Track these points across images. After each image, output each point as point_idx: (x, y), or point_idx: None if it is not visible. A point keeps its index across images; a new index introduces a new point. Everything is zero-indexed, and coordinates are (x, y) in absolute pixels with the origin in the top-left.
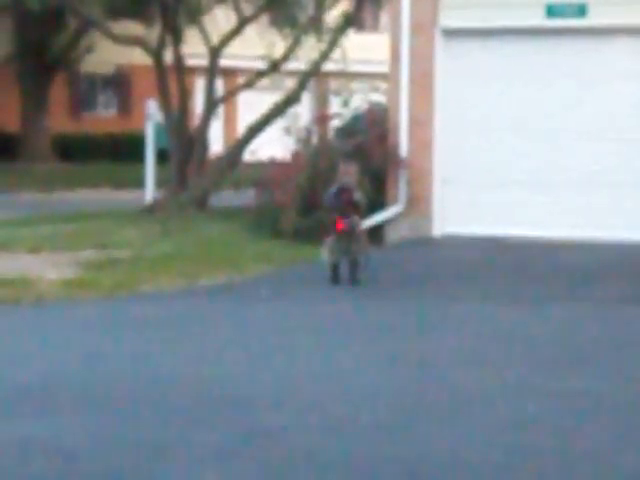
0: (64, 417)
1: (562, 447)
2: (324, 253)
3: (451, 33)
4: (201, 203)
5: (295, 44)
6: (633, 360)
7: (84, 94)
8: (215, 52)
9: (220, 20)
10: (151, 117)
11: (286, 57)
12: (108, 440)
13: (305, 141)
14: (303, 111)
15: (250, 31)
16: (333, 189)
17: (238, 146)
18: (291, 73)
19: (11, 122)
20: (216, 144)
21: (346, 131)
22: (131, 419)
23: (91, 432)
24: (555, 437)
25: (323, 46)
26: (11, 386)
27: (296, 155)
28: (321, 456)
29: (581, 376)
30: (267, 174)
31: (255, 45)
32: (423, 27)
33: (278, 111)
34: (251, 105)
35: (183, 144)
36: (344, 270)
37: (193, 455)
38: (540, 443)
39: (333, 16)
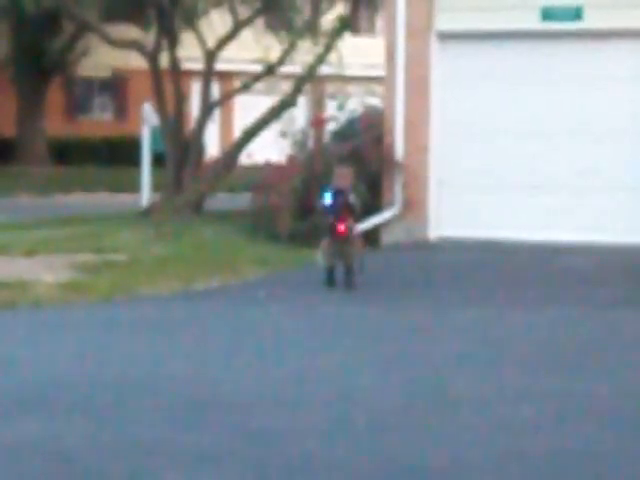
0: (59, 420)
1: (558, 449)
2: (319, 256)
3: (446, 36)
4: (197, 206)
5: (291, 47)
6: (629, 363)
7: (80, 98)
8: (211, 55)
9: (216, 23)
10: (147, 121)
11: (282, 60)
12: (102, 442)
13: (301, 144)
14: (299, 114)
15: (246, 34)
16: (327, 192)
17: (234, 149)
18: (287, 76)
19: (7, 126)
20: (212, 147)
21: (342, 134)
22: (125, 421)
23: (86, 434)
24: (552, 439)
25: (319, 49)
26: (7, 389)
27: (292, 158)
28: (316, 459)
29: (577, 378)
30: (263, 177)
31: (251, 48)
32: (418, 30)
33: (274, 114)
34: (247, 108)
35: (179, 147)
36: (339, 274)
37: (186, 457)
38: (537, 445)
39: (329, 20)
